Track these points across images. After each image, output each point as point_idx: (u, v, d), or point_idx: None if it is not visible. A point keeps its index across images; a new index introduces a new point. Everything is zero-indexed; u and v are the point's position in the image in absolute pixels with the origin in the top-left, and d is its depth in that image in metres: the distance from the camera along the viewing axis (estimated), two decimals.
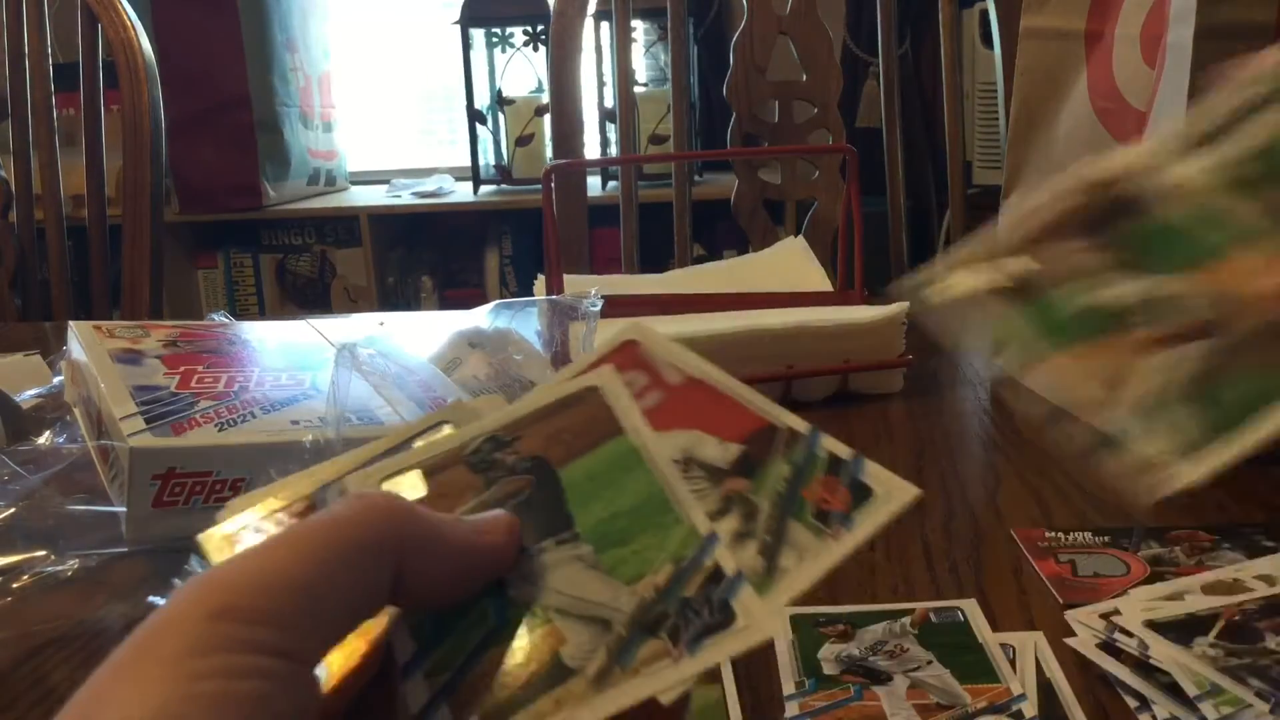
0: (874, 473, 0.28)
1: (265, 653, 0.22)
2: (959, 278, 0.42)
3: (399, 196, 2.54)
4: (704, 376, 0.31)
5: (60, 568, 0.51)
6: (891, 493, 0.28)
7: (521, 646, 0.26)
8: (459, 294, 2.64)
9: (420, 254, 2.69)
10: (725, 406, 0.31)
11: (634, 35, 2.09)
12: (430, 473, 0.30)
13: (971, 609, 0.47)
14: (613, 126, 2.40)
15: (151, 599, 0.45)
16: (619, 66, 1.30)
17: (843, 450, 0.29)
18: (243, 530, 0.29)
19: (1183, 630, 0.41)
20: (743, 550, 0.27)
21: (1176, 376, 0.33)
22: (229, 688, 0.22)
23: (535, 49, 2.47)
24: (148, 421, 0.51)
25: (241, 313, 2.61)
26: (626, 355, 0.32)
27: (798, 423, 0.30)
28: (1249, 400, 0.31)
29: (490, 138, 2.52)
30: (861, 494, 0.28)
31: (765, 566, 0.27)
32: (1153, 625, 0.41)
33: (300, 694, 0.23)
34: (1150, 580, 0.48)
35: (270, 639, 0.23)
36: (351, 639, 0.25)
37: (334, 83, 2.74)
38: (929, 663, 0.43)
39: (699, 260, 1.19)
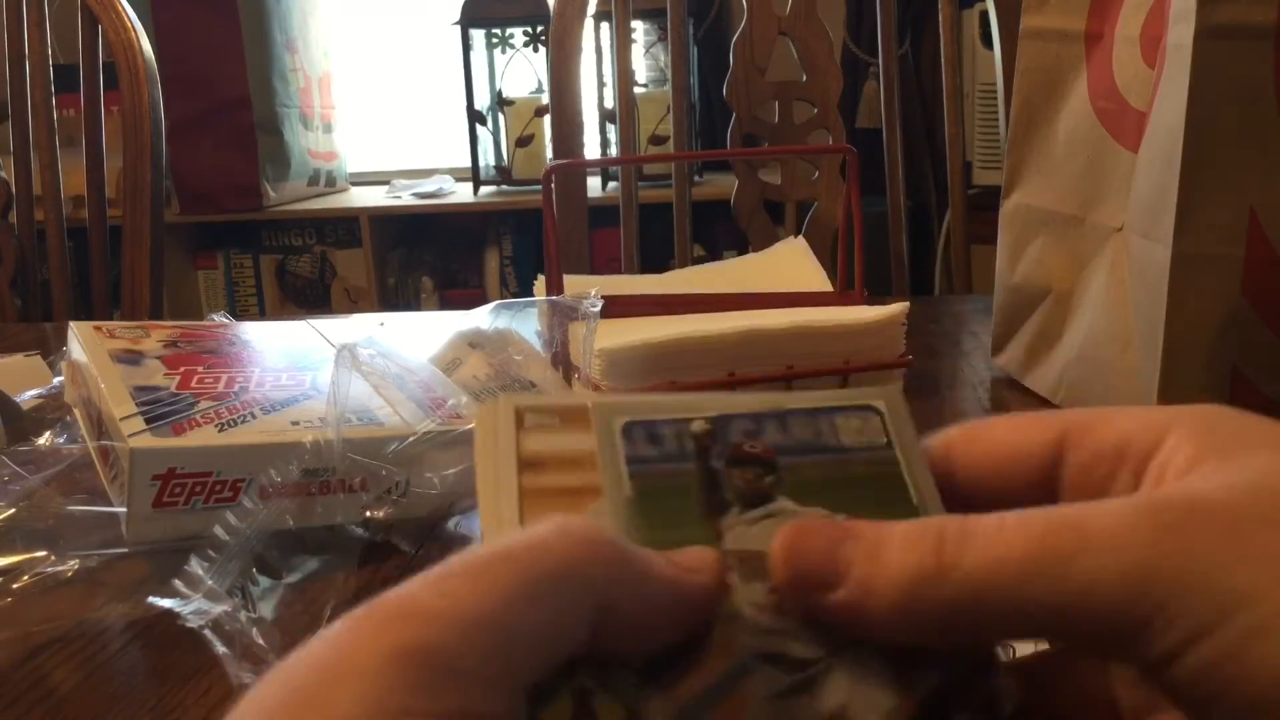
0: None
1: (456, 710, 0.19)
2: None
3: (399, 197, 2.54)
4: None
5: (60, 568, 0.50)
6: None
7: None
8: (459, 294, 2.64)
9: (420, 254, 2.69)
10: None
11: (634, 36, 2.09)
12: None
13: None
14: (613, 127, 2.40)
15: (151, 599, 0.45)
16: (619, 67, 1.30)
17: None
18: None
19: None
20: None
21: None
22: None
23: (535, 49, 2.47)
24: (148, 422, 0.51)
25: (241, 313, 2.61)
26: None
27: None
28: None
29: (490, 138, 2.52)
30: None
31: None
32: None
33: None
34: None
35: (466, 701, 0.19)
36: None
37: (334, 83, 2.74)
38: None
39: (699, 260, 1.19)
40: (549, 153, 2.42)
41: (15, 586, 0.49)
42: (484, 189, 2.50)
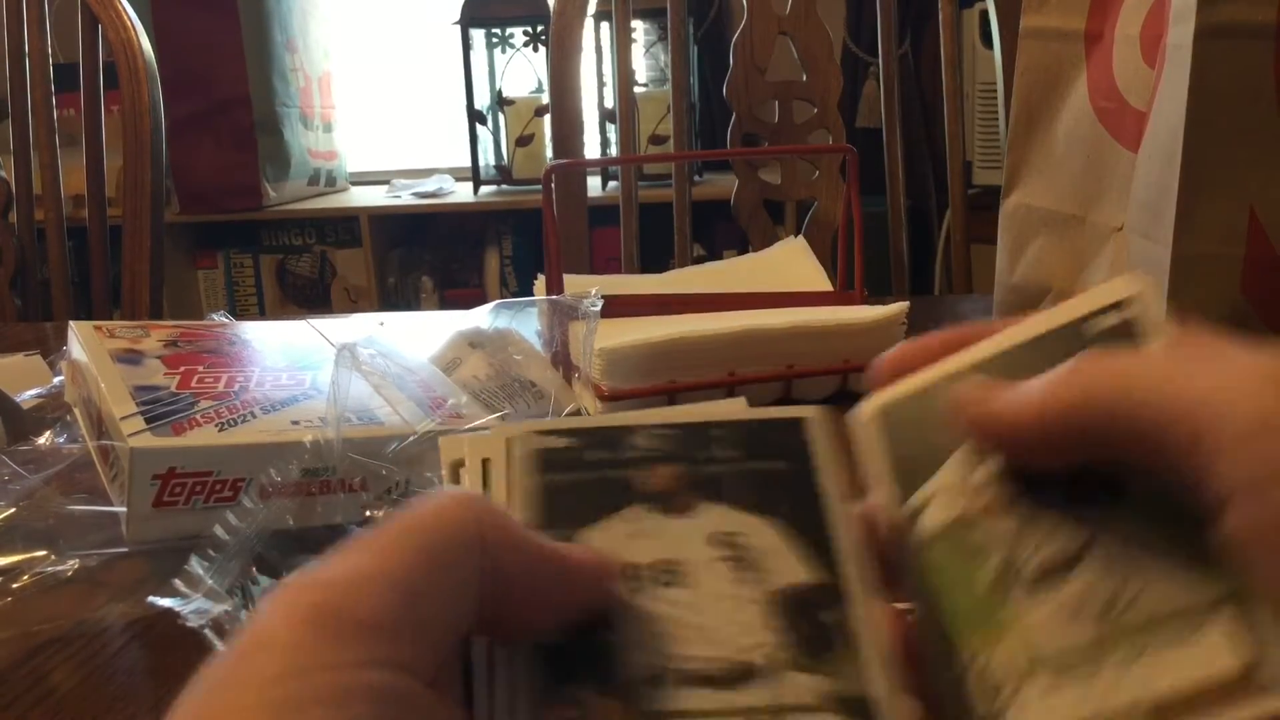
0: None
1: (374, 667, 0.20)
2: None
3: (399, 196, 2.54)
4: None
5: (60, 568, 0.51)
6: None
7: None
8: (459, 294, 2.64)
9: (420, 254, 2.69)
10: None
11: (634, 35, 2.09)
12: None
13: None
14: (613, 126, 2.40)
15: (151, 599, 0.45)
16: (619, 66, 1.30)
17: None
18: None
19: None
20: None
21: None
22: (334, 717, 0.19)
23: (535, 49, 2.47)
24: (148, 421, 0.51)
25: (241, 313, 2.61)
26: None
27: None
28: None
29: (490, 138, 2.52)
30: None
31: None
32: None
33: (419, 716, 0.20)
34: None
35: (377, 650, 0.20)
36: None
37: (334, 83, 2.74)
38: None
39: (699, 260, 1.19)
40: (549, 152, 2.42)
41: (15, 586, 0.49)
42: (484, 189, 2.50)
